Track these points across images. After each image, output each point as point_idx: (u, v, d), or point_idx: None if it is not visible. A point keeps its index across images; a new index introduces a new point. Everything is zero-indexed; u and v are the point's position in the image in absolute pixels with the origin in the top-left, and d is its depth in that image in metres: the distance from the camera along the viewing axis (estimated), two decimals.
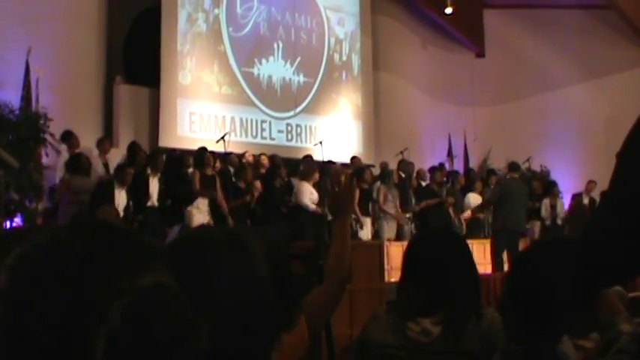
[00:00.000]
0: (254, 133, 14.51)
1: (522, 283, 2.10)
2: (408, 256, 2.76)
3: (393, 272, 9.59)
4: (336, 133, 15.63)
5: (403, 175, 13.48)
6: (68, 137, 10.91)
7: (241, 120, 14.33)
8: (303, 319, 1.67)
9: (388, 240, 11.73)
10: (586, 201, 15.45)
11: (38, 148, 10.54)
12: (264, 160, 12.43)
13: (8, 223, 9.74)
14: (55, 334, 0.73)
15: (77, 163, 10.08)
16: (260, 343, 1.45)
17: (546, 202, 15.08)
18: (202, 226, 1.68)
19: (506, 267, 10.31)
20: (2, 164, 6.69)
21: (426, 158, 16.33)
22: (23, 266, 0.76)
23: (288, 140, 14.99)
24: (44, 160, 10.69)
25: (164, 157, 11.28)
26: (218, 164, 11.79)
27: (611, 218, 1.58)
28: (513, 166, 12.38)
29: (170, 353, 0.78)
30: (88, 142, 11.75)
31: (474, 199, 14.08)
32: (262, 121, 14.69)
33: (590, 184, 15.49)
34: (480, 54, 19.31)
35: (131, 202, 10.18)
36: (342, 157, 14.78)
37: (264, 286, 1.48)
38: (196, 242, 1.48)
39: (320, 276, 3.40)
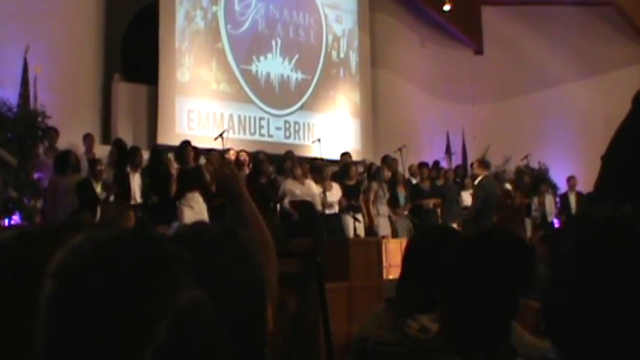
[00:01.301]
0: (252, 131, 14.51)
1: (452, 284, 2.03)
2: (408, 254, 2.77)
3: (392, 269, 9.58)
4: (334, 131, 15.63)
5: (389, 173, 13.42)
6: (47, 133, 10.77)
7: (239, 117, 14.33)
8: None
9: (384, 237, 11.72)
10: (572, 197, 15.49)
11: (36, 146, 10.53)
12: (242, 156, 12.21)
13: (6, 221, 9.74)
14: (105, 350, 0.71)
15: (65, 162, 9.88)
16: (258, 339, 1.46)
17: (535, 199, 15.12)
18: (198, 223, 1.68)
19: None
20: (1, 162, 6.70)
21: (424, 155, 16.33)
22: (69, 276, 0.73)
23: (286, 137, 14.99)
24: (42, 158, 10.68)
25: (142, 152, 11.17)
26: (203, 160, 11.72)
27: None
28: (486, 164, 12.29)
29: None
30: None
31: (465, 196, 14.03)
32: (260, 119, 14.69)
33: (572, 179, 15.54)
34: (479, 51, 19.32)
35: (112, 198, 10.08)
36: (340, 154, 14.78)
37: (260, 283, 1.49)
38: (192, 240, 1.48)
39: (318, 273, 3.41)
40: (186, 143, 11.06)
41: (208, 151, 12.05)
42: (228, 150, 12.41)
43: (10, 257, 0.76)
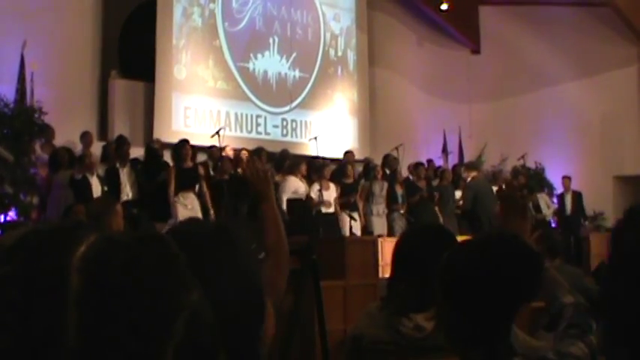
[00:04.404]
0: (249, 128, 14.50)
1: (456, 284, 1.99)
2: (398, 252, 2.77)
3: (387, 268, 9.57)
4: (331, 129, 15.63)
5: (388, 171, 13.43)
6: (44, 130, 10.80)
7: (236, 115, 14.32)
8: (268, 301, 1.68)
9: (380, 236, 11.73)
10: (568, 197, 15.54)
11: (33, 142, 10.53)
12: (244, 155, 12.30)
13: (2, 217, 9.75)
14: (134, 344, 0.74)
15: (57, 159, 10.00)
16: (249, 338, 1.46)
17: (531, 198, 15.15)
18: (191, 220, 1.69)
19: None
20: None
21: (421, 154, 16.33)
22: (95, 271, 0.76)
23: (283, 135, 14.99)
24: (38, 154, 10.68)
25: (129, 146, 11.15)
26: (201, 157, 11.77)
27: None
28: (473, 166, 12.46)
29: None
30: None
31: (459, 196, 14.04)
32: (257, 116, 14.68)
33: (566, 180, 15.59)
34: (476, 50, 19.32)
35: (106, 189, 10.10)
36: (337, 152, 14.78)
37: (253, 281, 1.48)
38: (183, 237, 1.47)
39: (315, 270, 3.41)
40: (184, 142, 11.05)
41: (208, 149, 12.12)
42: (225, 147, 12.45)
43: (31, 252, 0.78)
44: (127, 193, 10.57)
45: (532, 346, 2.12)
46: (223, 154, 12.15)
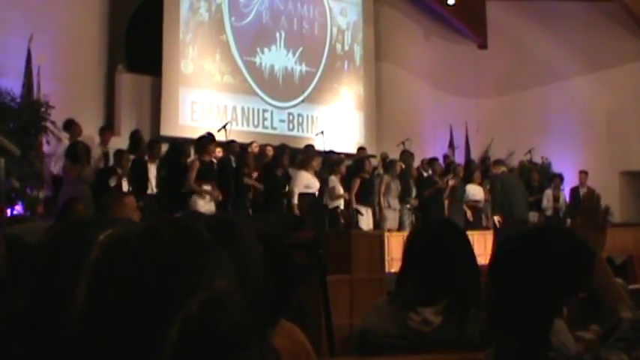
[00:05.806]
0: (256, 123, 14.50)
1: (508, 272, 2.02)
2: (408, 247, 2.77)
3: (394, 263, 9.59)
4: (337, 123, 15.62)
5: (403, 166, 13.46)
6: (70, 126, 10.89)
7: (243, 109, 14.32)
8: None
9: (389, 230, 11.74)
10: (583, 192, 15.45)
11: (39, 136, 10.55)
12: (270, 152, 12.38)
13: (9, 211, 9.76)
14: (139, 308, 0.80)
15: (74, 152, 10.02)
16: (248, 333, 1.45)
17: (548, 193, 15.09)
18: (193, 213, 1.70)
19: None
20: (3, 152, 6.71)
21: (428, 149, 16.32)
22: (116, 243, 0.84)
23: (289, 130, 14.98)
24: (45, 148, 10.70)
25: (161, 145, 11.28)
26: (220, 152, 11.81)
27: None
28: (498, 162, 12.68)
29: (228, 355, 0.86)
30: (89, 130, 11.75)
31: (473, 190, 14.06)
32: (264, 111, 14.68)
33: (582, 174, 15.51)
34: (483, 45, 19.26)
35: (130, 189, 10.17)
36: (344, 147, 14.77)
37: (254, 276, 1.48)
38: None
39: (322, 265, 3.41)
40: (211, 137, 11.21)
41: (227, 143, 12.16)
42: (251, 143, 12.49)
43: (66, 232, 0.89)
44: (153, 187, 10.67)
45: (574, 348, 2.13)
46: (249, 149, 12.19)
